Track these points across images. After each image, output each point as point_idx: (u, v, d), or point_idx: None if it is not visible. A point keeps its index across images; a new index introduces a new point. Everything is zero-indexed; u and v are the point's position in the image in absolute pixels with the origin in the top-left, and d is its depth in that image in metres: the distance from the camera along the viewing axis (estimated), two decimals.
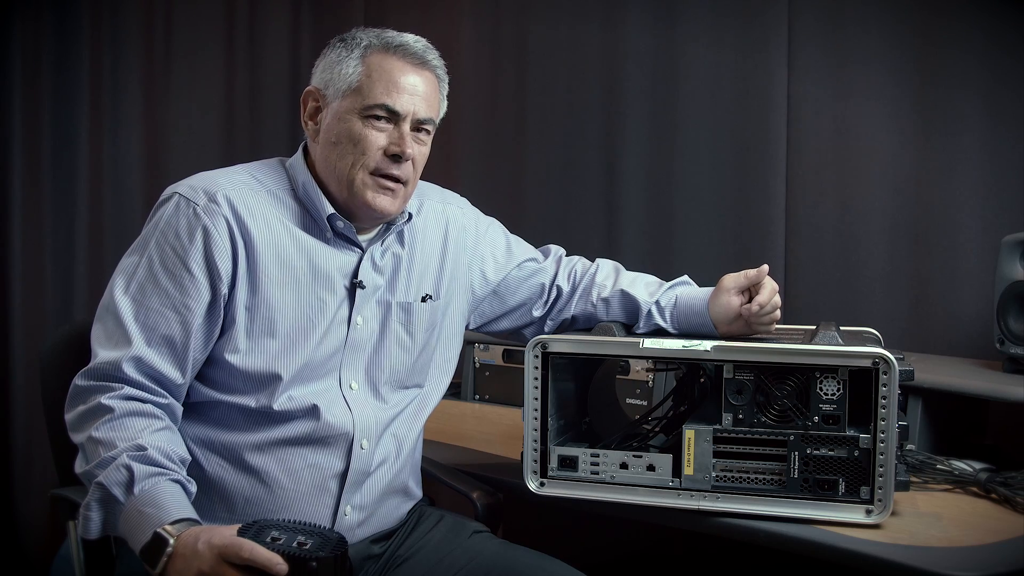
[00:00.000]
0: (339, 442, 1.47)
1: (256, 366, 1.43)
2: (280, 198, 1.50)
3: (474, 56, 2.98)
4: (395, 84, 1.46)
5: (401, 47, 1.48)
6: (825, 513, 1.38)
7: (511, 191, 2.85)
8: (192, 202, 1.44)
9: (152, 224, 1.46)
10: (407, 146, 1.47)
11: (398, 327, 1.56)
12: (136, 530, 1.26)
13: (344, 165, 1.47)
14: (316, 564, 1.18)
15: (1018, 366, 1.87)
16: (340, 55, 1.49)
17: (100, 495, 1.30)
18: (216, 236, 1.42)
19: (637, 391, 2.12)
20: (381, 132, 1.47)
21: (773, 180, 2.46)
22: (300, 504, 1.44)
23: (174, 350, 1.40)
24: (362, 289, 1.51)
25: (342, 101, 1.47)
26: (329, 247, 1.50)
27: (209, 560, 1.20)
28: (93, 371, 1.39)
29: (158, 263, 1.42)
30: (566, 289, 1.71)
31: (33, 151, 3.42)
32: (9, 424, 3.42)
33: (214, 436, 1.45)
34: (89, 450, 1.35)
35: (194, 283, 1.41)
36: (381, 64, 1.47)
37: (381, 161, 1.47)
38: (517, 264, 1.72)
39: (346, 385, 1.50)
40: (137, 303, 1.41)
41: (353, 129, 1.46)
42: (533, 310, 1.72)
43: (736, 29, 2.51)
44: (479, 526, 1.62)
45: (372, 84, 1.46)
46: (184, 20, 3.37)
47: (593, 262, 1.76)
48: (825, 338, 1.46)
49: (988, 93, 2.19)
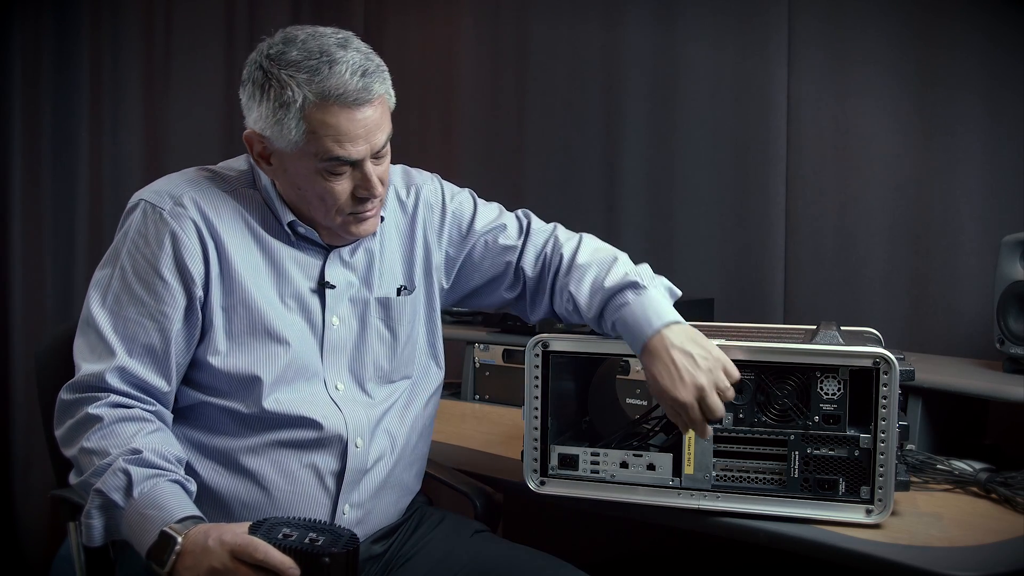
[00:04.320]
0: (334, 443, 1.45)
1: (238, 368, 1.41)
2: (244, 195, 1.47)
3: (474, 56, 2.98)
4: (344, 135, 1.36)
5: (340, 97, 1.34)
6: (825, 513, 1.38)
7: (511, 190, 2.84)
8: (158, 207, 1.41)
9: (122, 233, 1.44)
10: (374, 187, 1.41)
11: (378, 323, 1.53)
12: (140, 533, 1.25)
13: (317, 214, 1.43)
14: (328, 560, 1.18)
15: (1018, 366, 1.87)
16: (277, 113, 1.37)
17: (100, 502, 1.28)
18: (185, 239, 1.39)
19: (637, 391, 2.12)
20: (343, 179, 1.40)
21: (773, 180, 2.46)
22: (297, 505, 1.43)
23: (156, 358, 1.39)
24: (331, 289, 1.48)
25: (292, 157, 1.39)
26: (294, 249, 1.47)
27: (221, 557, 1.19)
28: (77, 384, 1.37)
29: (131, 273, 1.40)
30: (533, 277, 1.61)
31: (33, 151, 3.41)
32: (9, 424, 3.41)
33: (206, 441, 1.43)
34: (83, 461, 1.33)
35: (168, 289, 1.39)
36: (324, 120, 1.35)
37: (353, 205, 1.42)
38: (481, 238, 1.62)
39: (332, 387, 1.48)
40: (114, 315, 1.39)
41: (315, 187, 1.40)
42: (503, 291, 1.65)
43: (736, 29, 2.51)
44: (480, 526, 1.62)
45: (320, 140, 1.36)
46: (184, 20, 3.37)
47: (563, 242, 1.61)
48: (826, 338, 1.46)
49: (988, 94, 2.19)
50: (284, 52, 1.37)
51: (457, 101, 3.00)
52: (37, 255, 3.41)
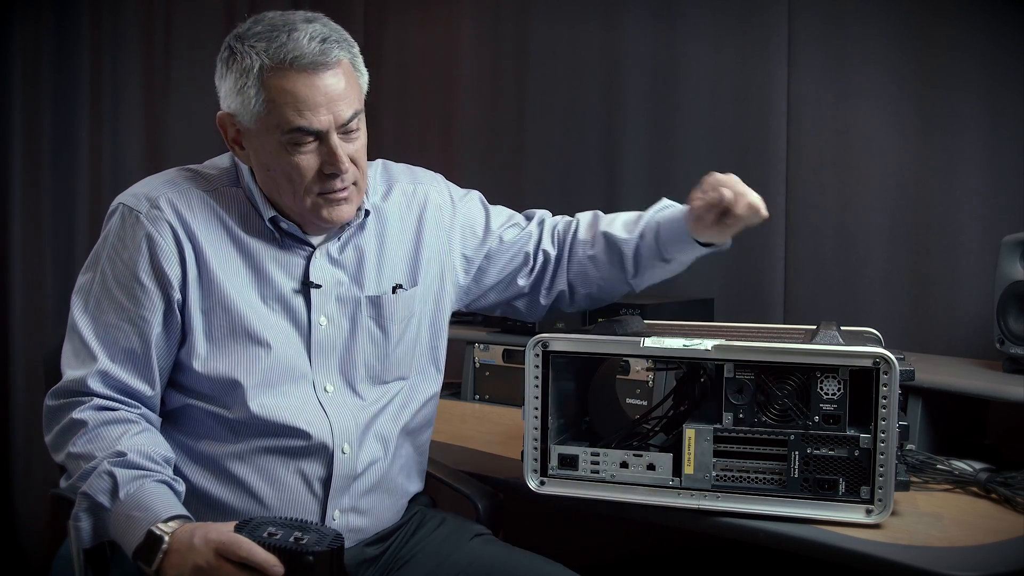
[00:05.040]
0: (319, 451, 1.43)
1: (218, 371, 1.40)
2: (225, 195, 1.46)
3: (474, 56, 2.98)
4: (304, 102, 1.33)
5: (296, 59, 1.33)
6: (825, 513, 1.38)
7: (511, 190, 2.84)
8: (135, 210, 1.41)
9: (102, 238, 1.44)
10: (340, 161, 1.38)
11: (369, 322, 1.51)
12: (127, 534, 1.26)
13: (287, 195, 1.41)
14: (313, 558, 1.18)
15: (1018, 366, 1.87)
16: (238, 81, 1.36)
17: (87, 504, 1.29)
18: (161, 242, 1.39)
19: (637, 391, 2.12)
20: (309, 154, 1.37)
21: (773, 180, 2.46)
22: (286, 511, 1.41)
23: (137, 363, 1.38)
24: (317, 289, 1.47)
25: (257, 129, 1.38)
26: (276, 248, 1.46)
27: (206, 555, 1.19)
28: (61, 390, 1.38)
29: (111, 277, 1.40)
30: (553, 253, 1.66)
31: (33, 151, 3.42)
32: (9, 424, 3.42)
33: (193, 445, 1.43)
34: (71, 466, 1.34)
35: (146, 293, 1.38)
36: (282, 86, 1.33)
37: (321, 183, 1.39)
38: (498, 236, 1.66)
39: (321, 389, 1.46)
40: (95, 319, 1.39)
41: (280, 162, 1.38)
42: (518, 279, 1.67)
43: (736, 29, 2.51)
44: (481, 528, 1.61)
45: (280, 109, 1.34)
46: (184, 20, 3.37)
47: (573, 217, 1.70)
48: (826, 338, 1.46)
49: (988, 93, 2.19)
50: (250, 28, 1.39)
51: (457, 101, 3.00)
52: (37, 255, 3.42)
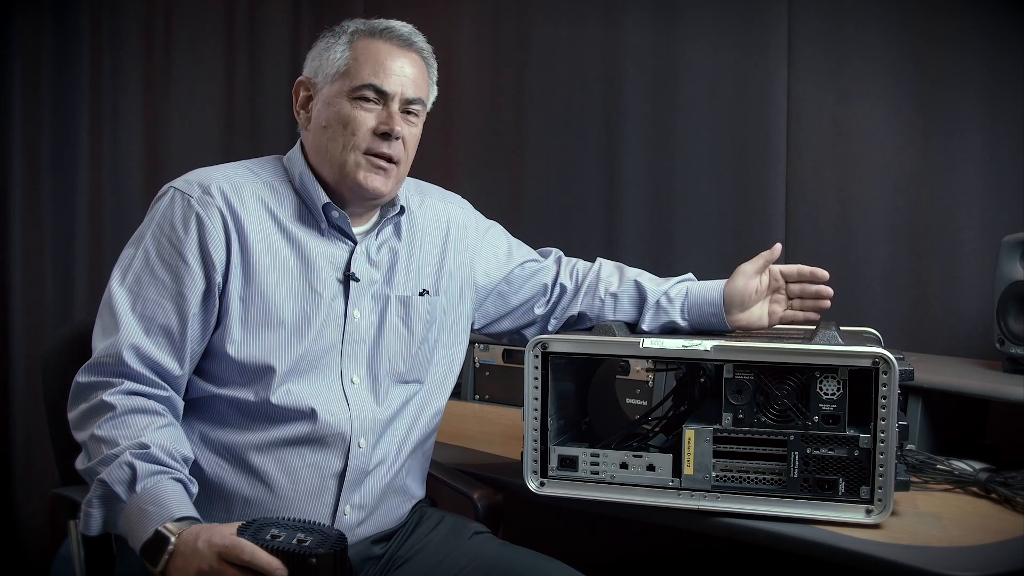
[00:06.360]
0: (336, 441, 1.46)
1: (252, 357, 1.44)
2: (277, 189, 1.52)
3: (474, 56, 2.98)
4: (382, 65, 1.49)
5: (387, 31, 1.52)
6: (825, 513, 1.38)
7: (511, 191, 2.85)
8: (187, 194, 1.46)
9: (149, 217, 1.48)
10: (396, 123, 1.49)
11: (396, 320, 1.56)
12: (137, 528, 1.26)
13: (335, 148, 1.49)
14: (316, 560, 1.18)
15: (1018, 366, 1.87)
16: (329, 43, 1.53)
17: (102, 492, 1.30)
18: (210, 225, 1.43)
19: (637, 391, 2.12)
20: (370, 112, 1.49)
21: (773, 180, 2.46)
22: (299, 504, 1.44)
23: (172, 340, 1.41)
24: (356, 282, 1.51)
25: (331, 86, 1.50)
26: (322, 239, 1.51)
27: (209, 559, 1.20)
28: (93, 366, 1.39)
29: (154, 254, 1.43)
30: (570, 287, 1.72)
31: (33, 151, 3.41)
32: (9, 424, 3.42)
33: (213, 435, 1.45)
34: (92, 448, 1.35)
35: (189, 272, 1.42)
36: (368, 47, 1.50)
37: (372, 141, 1.49)
38: (519, 263, 1.73)
39: (348, 379, 1.50)
40: (134, 294, 1.42)
41: (342, 111, 1.49)
42: (535, 308, 1.72)
43: (736, 29, 2.51)
44: (480, 527, 1.62)
45: (359, 66, 1.49)
46: (184, 19, 3.37)
47: (594, 262, 1.76)
48: (825, 338, 1.46)
49: (988, 93, 2.19)
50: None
51: (457, 101, 2.99)
52: (37, 255, 3.41)
